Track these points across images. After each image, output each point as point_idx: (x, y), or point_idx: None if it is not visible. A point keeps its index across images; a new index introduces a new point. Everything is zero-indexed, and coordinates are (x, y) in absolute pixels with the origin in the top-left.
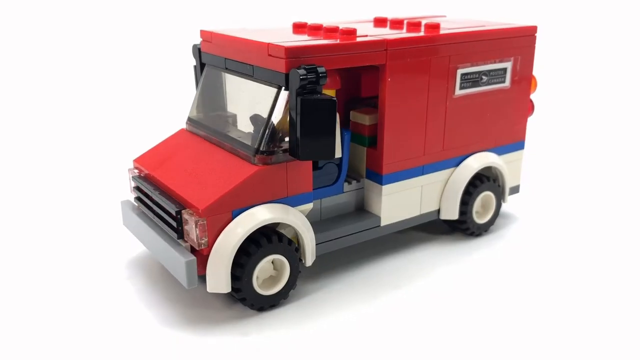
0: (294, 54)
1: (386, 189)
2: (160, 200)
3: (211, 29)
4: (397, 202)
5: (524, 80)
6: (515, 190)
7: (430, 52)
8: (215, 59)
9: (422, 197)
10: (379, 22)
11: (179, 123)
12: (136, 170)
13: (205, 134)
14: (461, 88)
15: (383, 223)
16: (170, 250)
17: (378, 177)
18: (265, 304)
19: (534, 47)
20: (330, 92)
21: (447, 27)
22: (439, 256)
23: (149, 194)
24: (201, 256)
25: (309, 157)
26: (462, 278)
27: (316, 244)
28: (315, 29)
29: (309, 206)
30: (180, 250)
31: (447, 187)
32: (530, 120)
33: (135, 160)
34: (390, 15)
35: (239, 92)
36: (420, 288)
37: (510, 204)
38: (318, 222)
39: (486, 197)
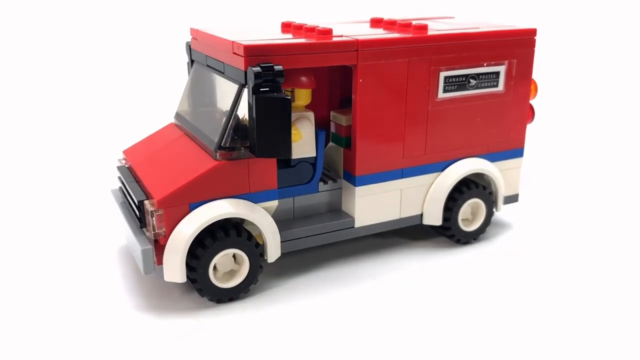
0: (253, 52)
1: (360, 190)
2: (131, 189)
3: (200, 27)
4: (373, 204)
5: (522, 85)
6: (512, 199)
7: (407, 53)
8: (200, 56)
9: (402, 201)
10: (375, 22)
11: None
12: (123, 161)
13: (186, 129)
14: (445, 91)
15: (357, 224)
16: (132, 238)
17: (352, 179)
18: (223, 296)
19: (533, 51)
20: (306, 92)
21: (436, 28)
22: (417, 260)
23: (125, 183)
24: (161, 246)
25: (265, 154)
26: (432, 280)
27: (286, 241)
28: (297, 29)
29: (273, 203)
30: (140, 239)
31: (430, 191)
32: (537, 126)
33: (124, 151)
34: (394, 16)
35: (214, 89)
36: (383, 286)
37: (510, 213)
38: (290, 220)
39: (475, 204)
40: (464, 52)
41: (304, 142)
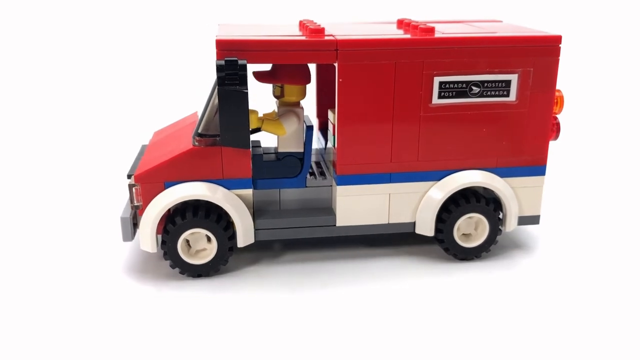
0: (224, 47)
1: (341, 189)
2: (133, 165)
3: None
4: (357, 205)
5: (542, 97)
6: (531, 220)
7: (393, 55)
8: None
9: (390, 206)
10: (399, 23)
11: None
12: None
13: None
14: (440, 97)
15: (339, 223)
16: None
17: (335, 177)
18: (191, 272)
19: (556, 60)
20: (297, 89)
21: (443, 31)
22: (402, 268)
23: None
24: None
25: (227, 143)
26: (406, 293)
27: (261, 229)
28: (303, 27)
29: (247, 191)
30: (124, 209)
31: (423, 200)
32: (574, 143)
33: (155, 132)
34: (444, 17)
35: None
36: (352, 292)
37: (535, 234)
38: (275, 211)
39: (477, 219)
40: (464, 57)
41: (289, 136)
